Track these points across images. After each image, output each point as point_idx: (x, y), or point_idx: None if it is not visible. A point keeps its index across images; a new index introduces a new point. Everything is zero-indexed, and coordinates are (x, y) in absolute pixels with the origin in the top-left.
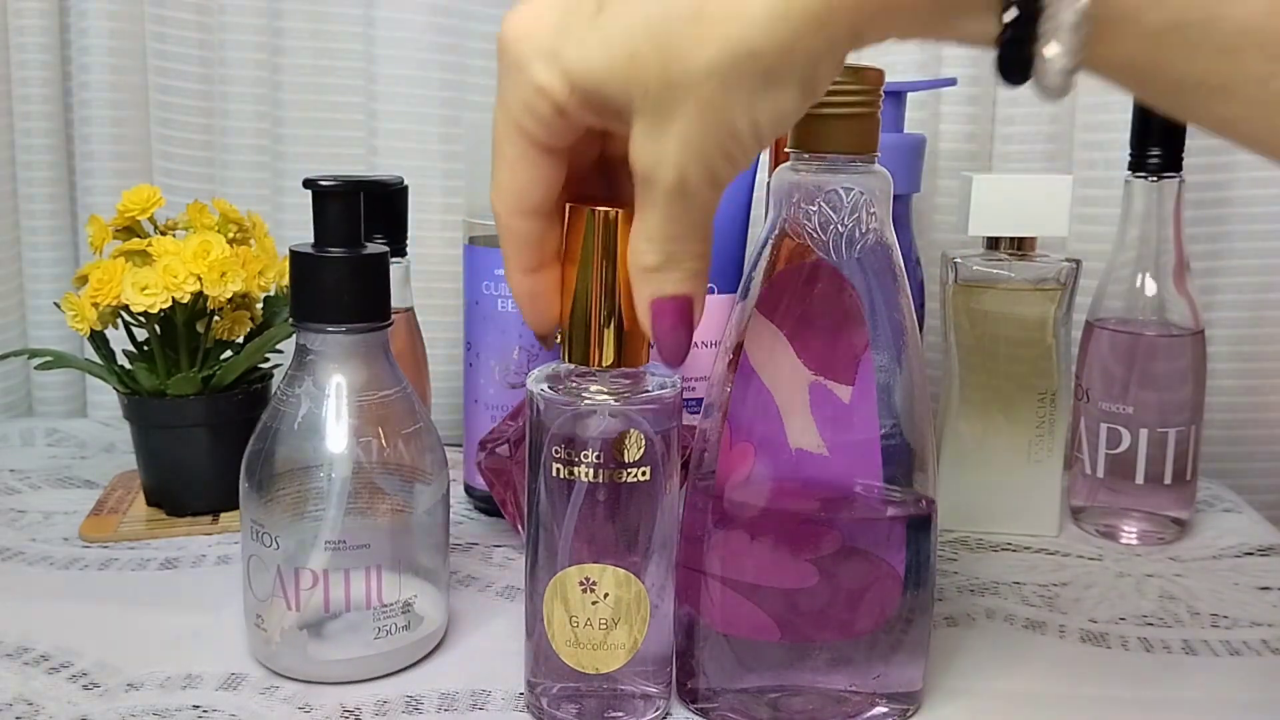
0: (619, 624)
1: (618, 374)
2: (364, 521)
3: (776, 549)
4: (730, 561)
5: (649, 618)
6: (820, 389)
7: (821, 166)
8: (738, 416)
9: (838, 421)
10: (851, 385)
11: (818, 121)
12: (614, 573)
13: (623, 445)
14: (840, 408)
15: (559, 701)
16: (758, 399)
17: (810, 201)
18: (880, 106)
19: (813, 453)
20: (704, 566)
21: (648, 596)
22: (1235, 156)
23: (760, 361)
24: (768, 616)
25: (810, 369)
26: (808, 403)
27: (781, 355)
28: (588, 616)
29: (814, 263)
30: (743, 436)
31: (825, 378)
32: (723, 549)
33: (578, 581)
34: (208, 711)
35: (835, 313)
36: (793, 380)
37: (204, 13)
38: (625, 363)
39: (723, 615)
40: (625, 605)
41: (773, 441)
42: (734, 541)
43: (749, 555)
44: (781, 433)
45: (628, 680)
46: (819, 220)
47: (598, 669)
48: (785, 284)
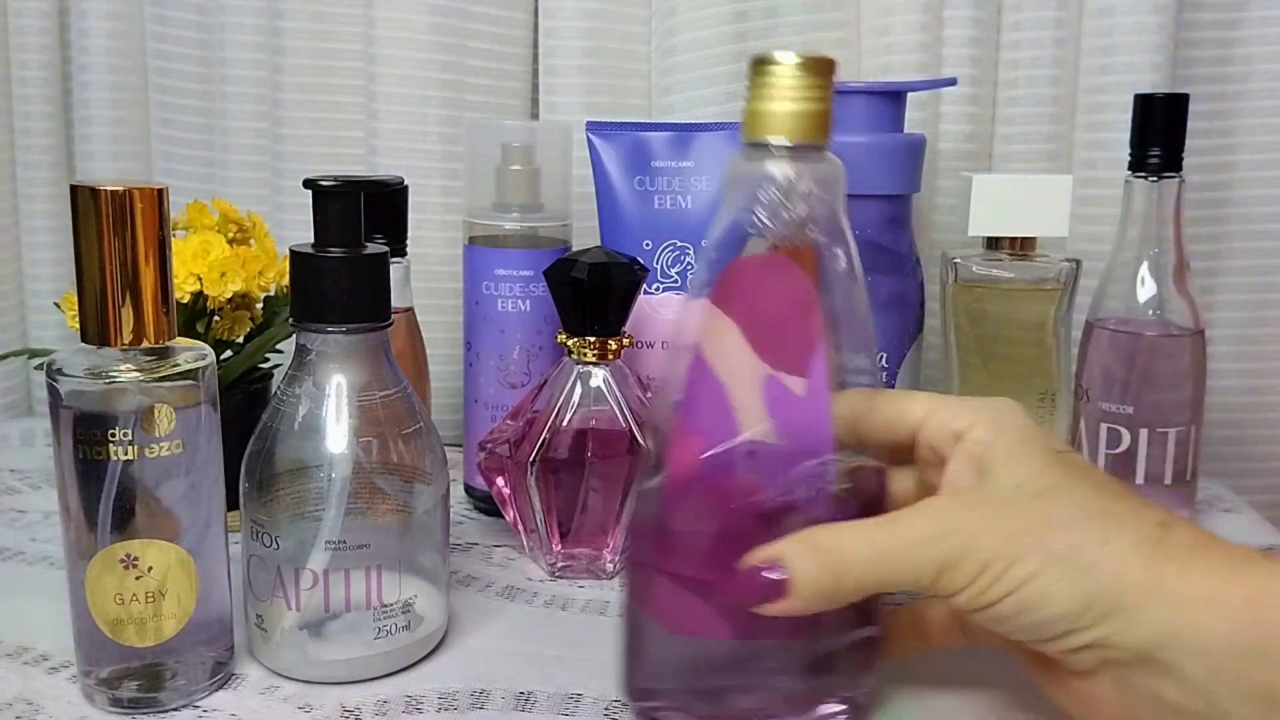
0: (166, 595)
1: (141, 350)
2: (364, 521)
3: (726, 543)
4: (678, 556)
5: (198, 585)
6: (774, 382)
7: (770, 156)
8: (690, 408)
9: (791, 414)
10: (805, 378)
11: (766, 112)
12: (158, 546)
13: (152, 420)
14: (793, 400)
15: (117, 681)
16: (710, 391)
17: (761, 191)
18: (831, 96)
19: (765, 444)
20: (652, 561)
21: (195, 564)
22: (1235, 156)
23: (714, 353)
24: (716, 614)
25: (764, 361)
26: (761, 395)
27: (735, 347)
28: (134, 592)
29: (768, 255)
30: (694, 429)
31: (779, 370)
32: (671, 543)
33: (119, 559)
34: (208, 711)
35: (789, 305)
36: (746, 372)
37: (204, 13)
38: (147, 339)
39: (670, 611)
40: (172, 576)
41: (725, 433)
42: (683, 535)
43: (698, 550)
44: (734, 425)
45: (186, 648)
46: (769, 210)
47: (151, 642)
48: (739, 276)
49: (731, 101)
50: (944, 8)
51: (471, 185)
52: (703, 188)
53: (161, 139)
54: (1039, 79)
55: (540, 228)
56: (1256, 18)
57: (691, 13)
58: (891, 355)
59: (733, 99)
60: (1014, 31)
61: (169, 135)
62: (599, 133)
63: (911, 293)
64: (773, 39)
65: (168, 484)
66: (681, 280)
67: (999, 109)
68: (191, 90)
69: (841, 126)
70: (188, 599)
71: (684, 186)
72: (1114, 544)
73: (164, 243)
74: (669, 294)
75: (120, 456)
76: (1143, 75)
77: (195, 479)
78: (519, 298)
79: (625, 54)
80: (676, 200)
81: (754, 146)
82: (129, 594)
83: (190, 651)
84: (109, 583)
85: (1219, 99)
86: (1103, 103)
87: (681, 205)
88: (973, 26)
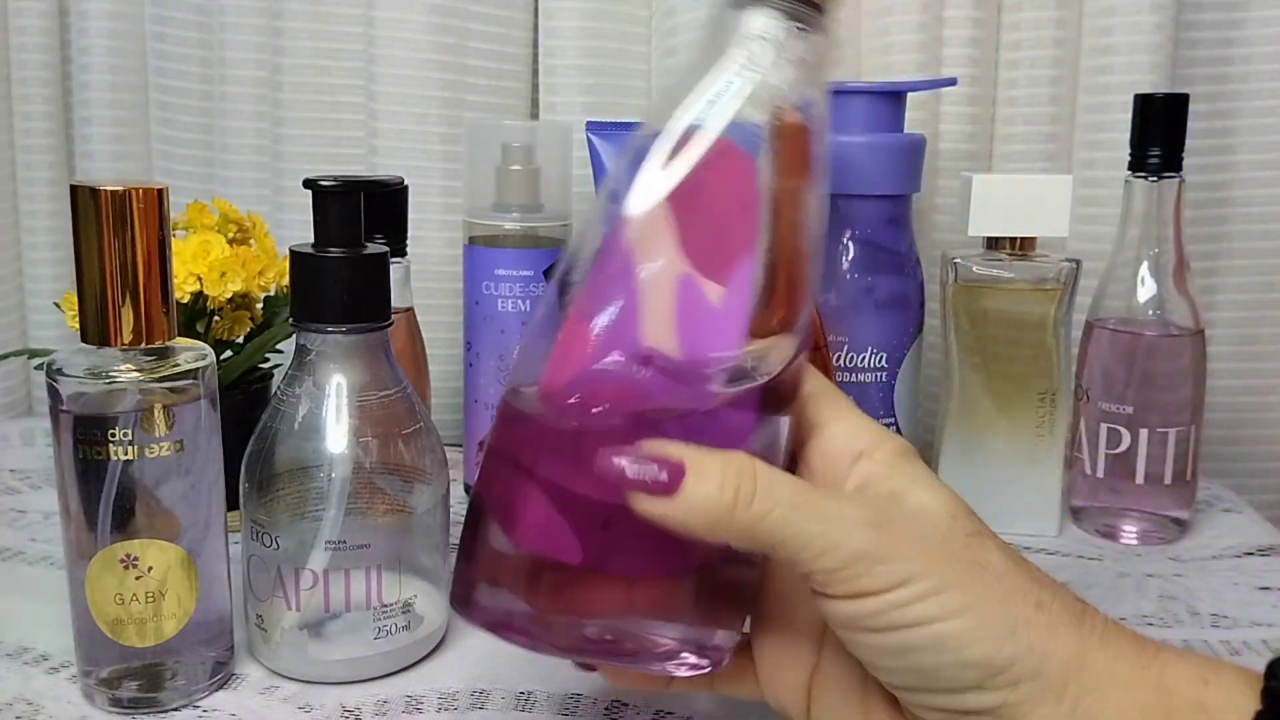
0: (166, 595)
1: (141, 350)
2: (364, 521)
3: (598, 449)
4: (544, 458)
5: (198, 585)
6: (689, 284)
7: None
8: (593, 291)
9: (698, 324)
10: (723, 287)
11: None
12: (158, 546)
13: (152, 420)
14: (705, 310)
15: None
16: (619, 280)
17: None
18: None
19: (663, 354)
20: (513, 457)
21: (195, 564)
22: (1235, 156)
23: (636, 236)
24: (571, 533)
25: (686, 259)
26: (673, 296)
27: (659, 236)
28: (134, 592)
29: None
30: (590, 317)
31: (698, 272)
32: (539, 442)
33: (119, 559)
34: (208, 711)
35: (727, 201)
36: (663, 267)
37: (204, 13)
38: (147, 339)
39: (519, 521)
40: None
41: (623, 332)
42: (553, 436)
43: (566, 456)
44: (635, 325)
45: (186, 648)
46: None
47: (151, 642)
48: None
49: None
50: (944, 8)
51: (471, 185)
52: None
53: (161, 139)
54: (1039, 79)
55: (540, 228)
56: (1256, 18)
57: (691, 13)
58: (891, 355)
59: None
60: (1014, 31)
61: (169, 135)
62: (599, 133)
63: (911, 293)
64: None
65: (167, 484)
66: None
67: (999, 109)
68: (191, 90)
69: (842, 126)
70: (188, 599)
71: None
72: (1047, 610)
73: (164, 243)
74: None
75: (120, 456)
76: (1143, 75)
77: (195, 479)
78: (519, 298)
79: (625, 54)
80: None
81: None
82: (129, 594)
83: (190, 651)
84: (109, 583)
85: (1219, 99)
86: (1103, 103)
87: None
88: (973, 26)
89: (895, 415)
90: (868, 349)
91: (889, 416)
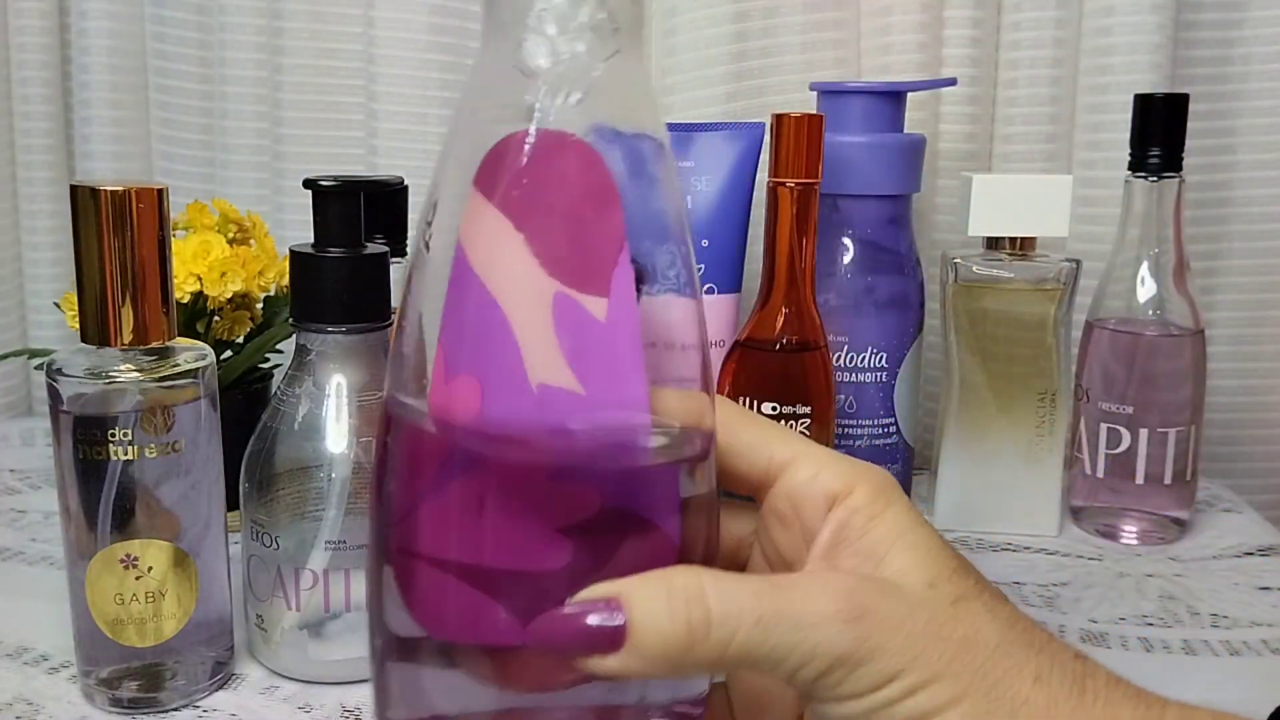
0: (166, 595)
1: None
2: (364, 521)
3: (516, 519)
4: (452, 539)
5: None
6: (566, 302)
7: None
8: (454, 339)
9: (591, 346)
10: (606, 297)
11: None
12: (157, 546)
13: (152, 420)
14: (593, 328)
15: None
16: (482, 315)
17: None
18: None
19: (560, 388)
20: (414, 546)
21: (195, 564)
22: (1235, 156)
23: (483, 263)
24: (506, 612)
25: (552, 275)
26: (551, 322)
27: (512, 254)
28: (133, 592)
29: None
30: (464, 367)
31: (571, 288)
32: (441, 522)
33: (119, 559)
34: (208, 711)
35: (581, 198)
36: (530, 290)
37: (204, 13)
38: (147, 339)
39: (441, 613)
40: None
41: (506, 374)
42: (457, 510)
43: (478, 530)
44: (519, 362)
45: (186, 648)
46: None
47: (151, 642)
48: (512, 153)
49: (732, 101)
50: (944, 8)
51: None
52: (703, 188)
53: (161, 139)
54: (1039, 79)
55: None
56: (1256, 18)
57: (691, 13)
58: (891, 355)
59: (733, 99)
60: (1014, 31)
61: (169, 135)
62: None
63: (911, 293)
64: (773, 39)
65: (167, 484)
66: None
67: (999, 109)
68: (191, 90)
69: (841, 126)
70: (188, 599)
71: (684, 186)
72: (1046, 683)
73: (164, 243)
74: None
75: (120, 456)
76: (1143, 75)
77: (195, 479)
78: None
79: None
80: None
81: None
82: (129, 594)
83: (190, 651)
84: (109, 583)
85: (1219, 99)
86: (1103, 103)
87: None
88: (973, 26)
89: (895, 415)
90: (868, 349)
91: (889, 416)
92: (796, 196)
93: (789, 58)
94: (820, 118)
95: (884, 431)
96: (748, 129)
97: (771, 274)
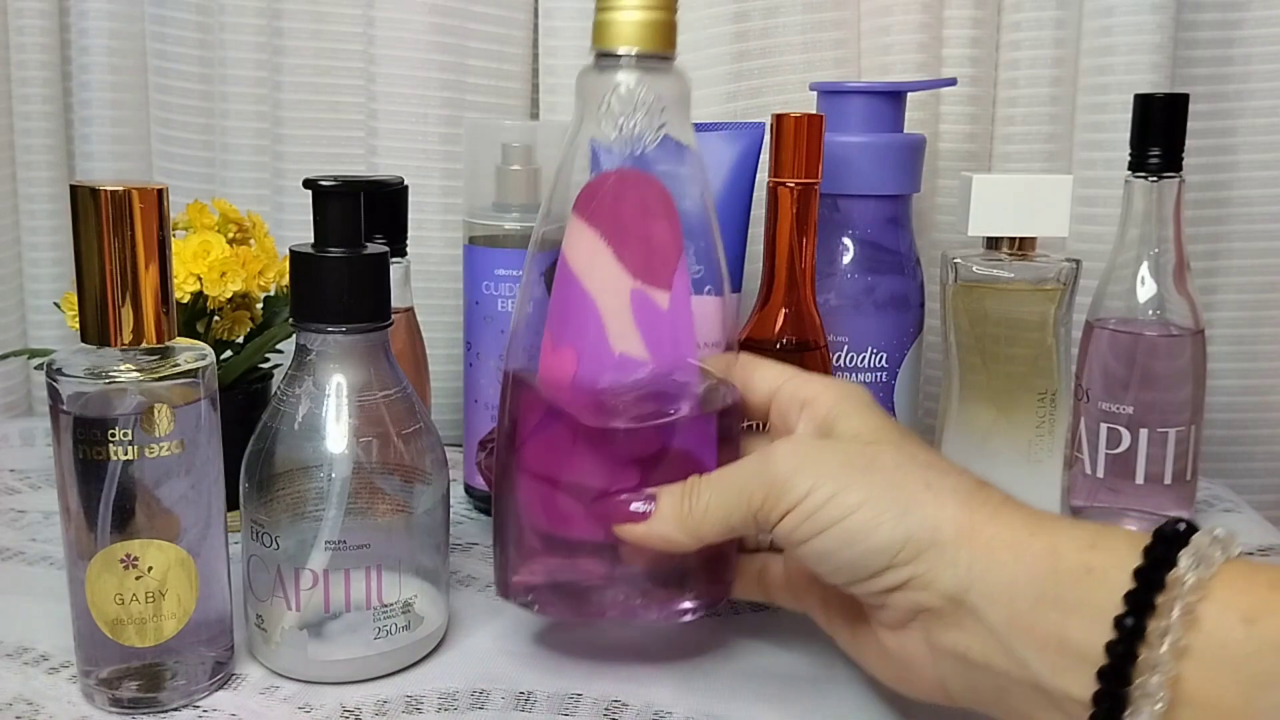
0: (166, 595)
1: (141, 350)
2: (364, 521)
3: (600, 451)
4: (556, 462)
5: (198, 585)
6: (640, 295)
7: (612, 64)
8: (559, 321)
9: (657, 328)
10: (669, 291)
11: (608, 20)
12: (158, 546)
13: (152, 420)
14: (659, 314)
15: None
16: (580, 304)
17: (601, 100)
18: (675, 6)
19: (634, 358)
20: (530, 466)
21: (195, 564)
22: (1235, 156)
23: (581, 267)
24: (585, 514)
25: (630, 275)
26: (629, 309)
27: (602, 260)
28: (134, 592)
29: (627, 169)
30: (565, 341)
31: (645, 284)
32: (548, 449)
33: (119, 559)
34: (207, 711)
35: (651, 217)
36: (614, 286)
37: (204, 13)
38: (147, 339)
39: (546, 513)
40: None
41: (596, 346)
42: (560, 442)
43: (574, 456)
44: (605, 338)
45: (186, 648)
46: (609, 118)
47: (151, 642)
48: (600, 188)
49: (732, 101)
50: (944, 8)
51: (471, 185)
52: None
53: (161, 139)
54: (1039, 79)
55: None
56: (1256, 18)
57: (691, 13)
58: (891, 355)
59: (733, 99)
60: (1014, 31)
61: (169, 135)
62: None
63: (911, 293)
64: (773, 39)
65: (168, 484)
66: None
67: (999, 109)
68: (191, 90)
69: (841, 126)
70: (188, 599)
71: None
72: (935, 489)
73: (164, 243)
74: None
75: (120, 456)
76: (1143, 75)
77: (195, 479)
78: None
79: None
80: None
81: (601, 56)
82: (129, 594)
83: (190, 651)
84: (109, 583)
85: (1219, 99)
86: (1103, 103)
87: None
88: (973, 26)
89: (895, 415)
90: (868, 349)
91: None
92: (796, 196)
93: (789, 58)
94: (820, 118)
95: None
96: (748, 129)
97: (771, 274)
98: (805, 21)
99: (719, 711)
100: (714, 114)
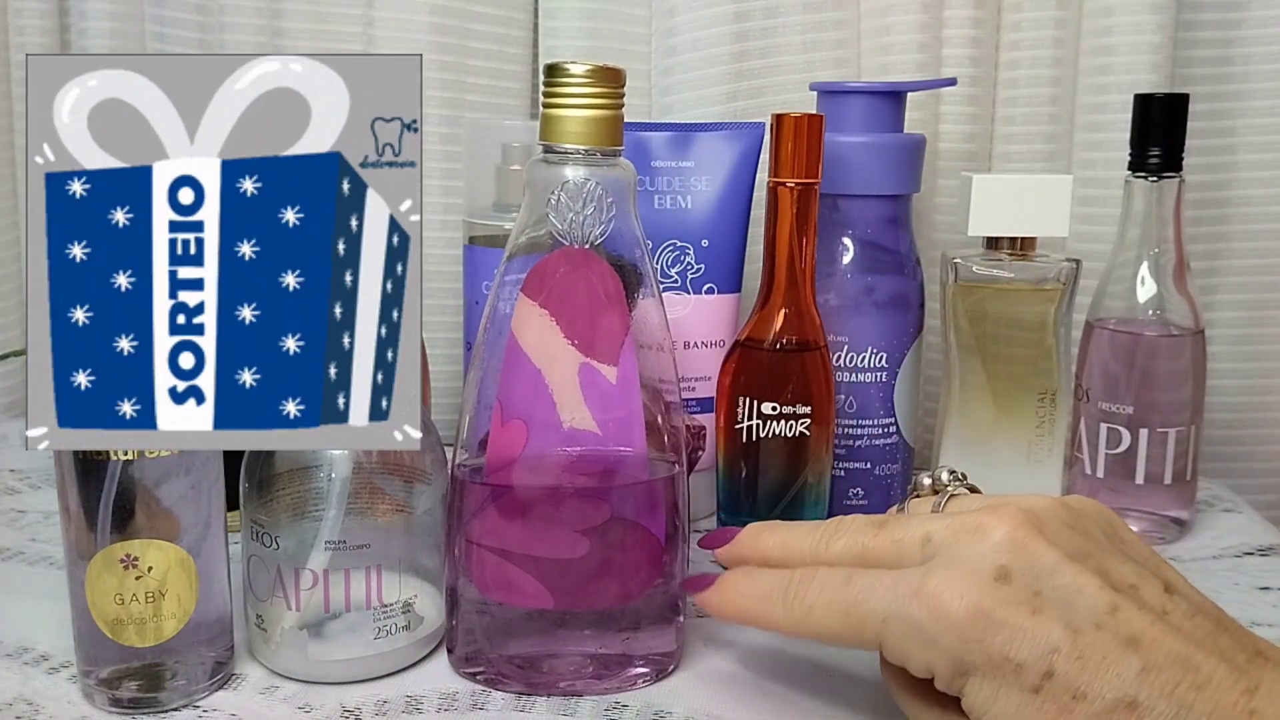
0: (166, 595)
1: None
2: (364, 521)
3: (551, 522)
4: (505, 534)
5: (198, 585)
6: (589, 369)
7: (560, 159)
8: (509, 396)
9: (606, 400)
10: (616, 366)
11: (556, 116)
12: (158, 546)
13: None
14: (607, 388)
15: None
16: (529, 379)
17: (551, 192)
18: (621, 103)
19: (584, 430)
20: (480, 539)
21: (195, 564)
22: (1235, 156)
23: (530, 343)
24: (542, 585)
25: (578, 350)
26: (578, 383)
27: (550, 337)
28: (133, 592)
29: (575, 249)
30: (514, 414)
31: (593, 359)
32: (498, 522)
33: (119, 559)
34: (208, 711)
35: (598, 296)
36: (563, 361)
37: (204, 13)
38: None
39: (497, 585)
40: (172, 576)
41: (546, 420)
42: (510, 515)
43: (524, 529)
44: (554, 412)
45: (186, 648)
46: (558, 210)
47: (151, 642)
48: (551, 269)
49: (732, 101)
50: (944, 8)
51: (471, 185)
52: (703, 188)
53: None
54: (1039, 79)
55: None
56: (1256, 18)
57: (691, 13)
58: (891, 355)
59: (733, 99)
60: (1014, 31)
61: None
62: None
63: (911, 293)
64: (773, 39)
65: (167, 484)
66: (681, 280)
67: (999, 109)
68: None
69: (841, 126)
70: (188, 599)
71: (684, 187)
72: None
73: None
74: (670, 294)
75: (120, 456)
76: (1143, 75)
77: (195, 479)
78: None
79: (625, 54)
80: (676, 200)
81: (549, 150)
82: (129, 594)
83: (190, 651)
84: (109, 583)
85: (1219, 99)
86: (1103, 103)
87: (681, 205)
88: (973, 26)
89: (895, 415)
90: (868, 349)
91: (889, 417)
92: (796, 196)
93: (789, 58)
94: (820, 118)
95: (884, 431)
96: (748, 129)
97: (771, 274)
98: (805, 21)
99: (719, 711)
100: (714, 114)
